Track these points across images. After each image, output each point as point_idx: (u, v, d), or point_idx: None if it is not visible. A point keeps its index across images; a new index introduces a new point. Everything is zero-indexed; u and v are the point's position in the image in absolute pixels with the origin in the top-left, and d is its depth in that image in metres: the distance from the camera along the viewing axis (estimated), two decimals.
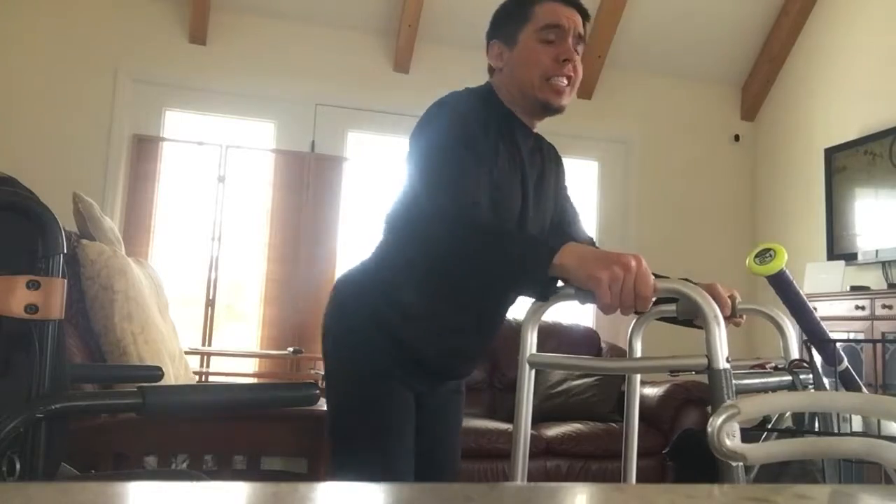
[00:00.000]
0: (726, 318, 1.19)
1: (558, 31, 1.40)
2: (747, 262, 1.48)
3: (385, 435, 1.38)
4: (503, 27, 1.47)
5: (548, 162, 1.57)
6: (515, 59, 1.43)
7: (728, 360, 1.10)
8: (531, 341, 1.35)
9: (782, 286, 1.48)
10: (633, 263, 1.08)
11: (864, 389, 1.52)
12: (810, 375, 1.45)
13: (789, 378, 1.44)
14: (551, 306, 1.27)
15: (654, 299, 1.11)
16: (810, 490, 0.46)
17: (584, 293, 1.13)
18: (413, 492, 0.42)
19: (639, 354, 1.62)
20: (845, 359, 1.48)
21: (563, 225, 1.64)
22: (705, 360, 1.09)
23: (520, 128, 1.47)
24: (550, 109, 1.45)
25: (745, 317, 1.48)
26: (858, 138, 4.43)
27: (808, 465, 1.31)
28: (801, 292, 1.50)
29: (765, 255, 1.46)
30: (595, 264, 1.09)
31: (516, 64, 1.43)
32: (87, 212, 2.22)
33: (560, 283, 1.17)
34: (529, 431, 1.39)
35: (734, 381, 1.11)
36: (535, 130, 1.53)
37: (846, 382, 1.46)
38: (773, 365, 1.53)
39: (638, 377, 1.64)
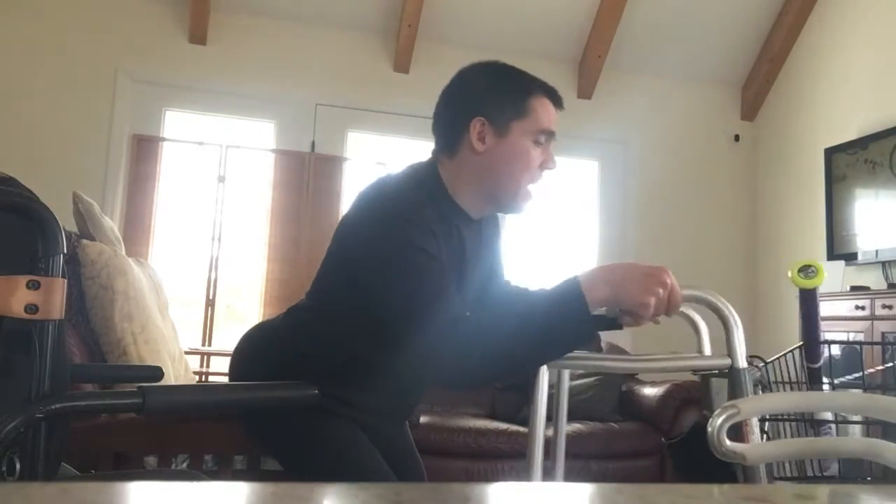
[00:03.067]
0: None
1: (548, 136, 1.32)
2: (790, 274, 1.69)
3: (360, 464, 1.30)
4: (493, 109, 1.29)
5: (486, 233, 1.45)
6: (505, 153, 1.29)
7: (748, 360, 1.14)
8: None
9: (812, 298, 1.72)
10: (669, 280, 1.11)
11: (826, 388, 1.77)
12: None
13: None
14: None
15: None
16: (810, 490, 0.46)
17: (616, 311, 1.14)
18: (413, 492, 0.42)
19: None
20: (821, 359, 1.75)
21: (488, 279, 1.51)
22: (727, 361, 1.16)
23: (464, 219, 1.35)
24: (515, 212, 1.36)
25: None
26: (858, 138, 4.42)
27: None
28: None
29: (807, 270, 1.67)
30: (639, 290, 1.09)
31: (505, 159, 1.29)
32: (87, 212, 2.22)
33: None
34: (561, 432, 1.35)
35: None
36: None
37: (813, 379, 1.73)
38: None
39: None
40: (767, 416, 1.64)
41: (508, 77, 1.32)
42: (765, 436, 1.71)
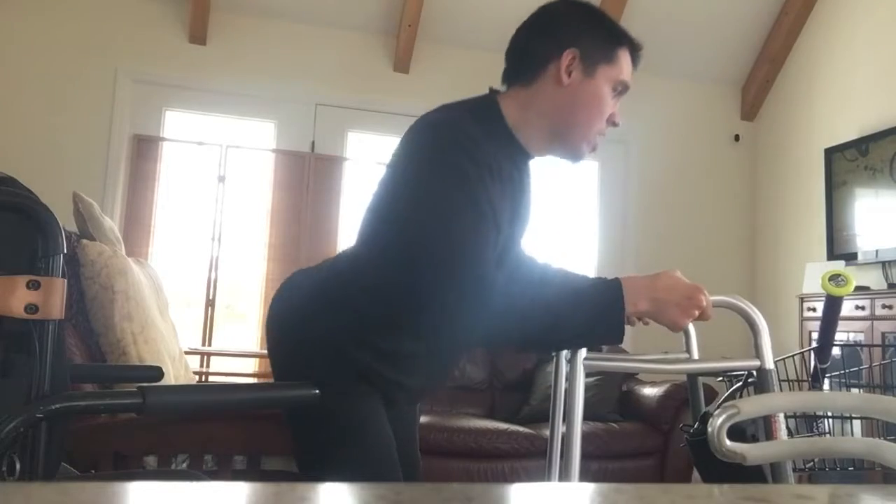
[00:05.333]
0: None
1: (625, 89, 1.31)
2: (821, 282, 1.80)
3: (362, 438, 1.27)
4: (588, 45, 1.26)
5: (529, 178, 1.42)
6: (586, 94, 1.27)
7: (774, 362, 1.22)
8: None
9: (837, 305, 1.83)
10: (705, 301, 1.18)
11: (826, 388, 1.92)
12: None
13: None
14: None
15: None
16: (810, 490, 0.46)
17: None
18: (413, 492, 0.42)
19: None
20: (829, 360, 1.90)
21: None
22: (756, 362, 1.25)
23: (520, 154, 1.31)
24: (576, 158, 1.33)
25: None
26: (858, 138, 4.42)
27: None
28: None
29: (837, 279, 1.76)
30: (676, 312, 1.17)
31: (584, 100, 1.27)
32: (87, 212, 2.22)
33: None
34: (580, 432, 1.33)
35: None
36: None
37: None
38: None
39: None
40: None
41: (604, 21, 1.31)
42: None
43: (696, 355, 1.56)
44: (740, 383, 1.48)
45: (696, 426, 1.45)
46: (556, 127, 1.29)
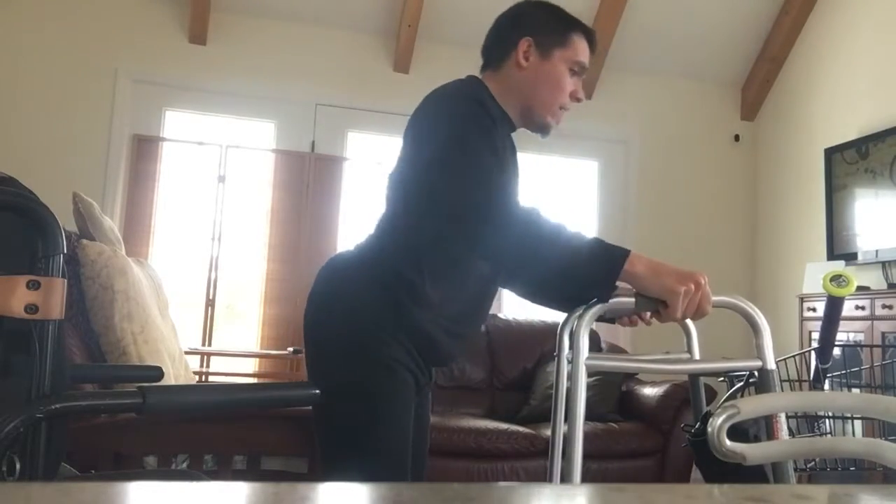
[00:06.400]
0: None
1: (581, 69, 1.50)
2: (822, 283, 1.81)
3: (389, 425, 1.34)
4: (541, 33, 1.47)
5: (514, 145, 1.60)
6: (543, 74, 1.46)
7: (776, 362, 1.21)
8: (584, 344, 1.34)
9: (839, 306, 1.84)
10: (703, 281, 1.20)
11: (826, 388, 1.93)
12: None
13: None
14: (604, 311, 1.29)
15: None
16: (810, 490, 0.46)
17: (645, 301, 1.22)
18: (413, 492, 0.42)
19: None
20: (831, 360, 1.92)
21: None
22: (757, 363, 1.25)
23: (509, 123, 1.51)
24: (544, 131, 1.51)
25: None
26: (858, 138, 4.42)
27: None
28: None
29: (838, 279, 1.76)
30: (672, 277, 1.19)
31: (542, 79, 1.46)
32: (87, 212, 2.22)
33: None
34: (581, 433, 1.34)
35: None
36: None
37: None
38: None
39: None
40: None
41: (557, 12, 1.52)
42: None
43: (697, 355, 1.56)
44: (742, 384, 1.49)
45: (697, 426, 1.45)
46: (521, 102, 1.48)
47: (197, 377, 3.42)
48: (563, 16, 1.51)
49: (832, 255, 4.54)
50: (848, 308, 3.99)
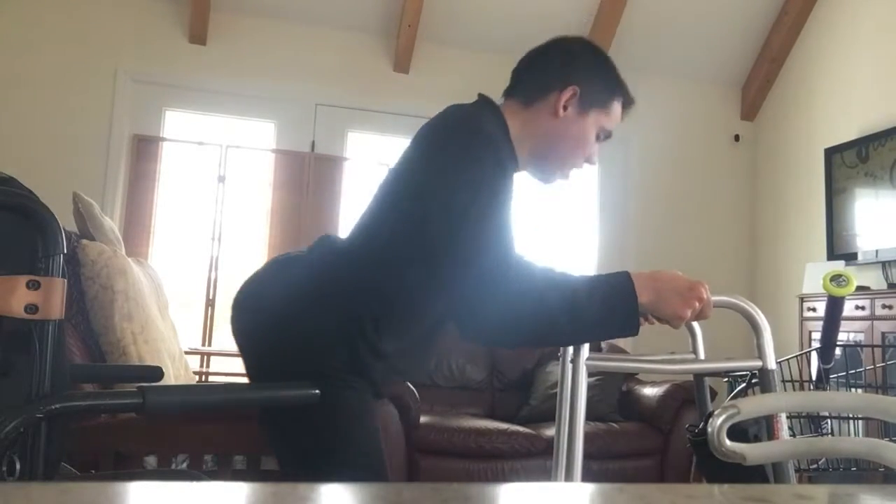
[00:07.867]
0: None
1: (606, 137, 1.42)
2: (822, 283, 1.79)
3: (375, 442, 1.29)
4: (588, 86, 1.35)
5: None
6: (574, 130, 1.36)
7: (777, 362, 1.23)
8: (585, 344, 1.35)
9: (839, 306, 1.83)
10: (706, 295, 1.19)
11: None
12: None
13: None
14: None
15: None
16: (810, 490, 0.46)
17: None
18: (413, 492, 0.42)
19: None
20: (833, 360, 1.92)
21: None
22: (758, 363, 1.26)
23: (514, 162, 1.36)
24: (548, 182, 1.44)
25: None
26: (858, 138, 4.42)
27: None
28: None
29: (838, 279, 1.76)
30: (678, 302, 1.18)
31: (571, 135, 1.36)
32: (87, 212, 2.22)
33: None
34: (581, 433, 1.34)
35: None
36: None
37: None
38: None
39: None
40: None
41: (610, 70, 1.42)
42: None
43: (702, 356, 1.57)
44: (744, 384, 1.49)
45: (700, 426, 1.45)
46: (538, 150, 1.37)
47: (197, 377, 3.42)
48: (614, 76, 1.41)
49: (832, 255, 4.54)
50: (848, 308, 3.99)
